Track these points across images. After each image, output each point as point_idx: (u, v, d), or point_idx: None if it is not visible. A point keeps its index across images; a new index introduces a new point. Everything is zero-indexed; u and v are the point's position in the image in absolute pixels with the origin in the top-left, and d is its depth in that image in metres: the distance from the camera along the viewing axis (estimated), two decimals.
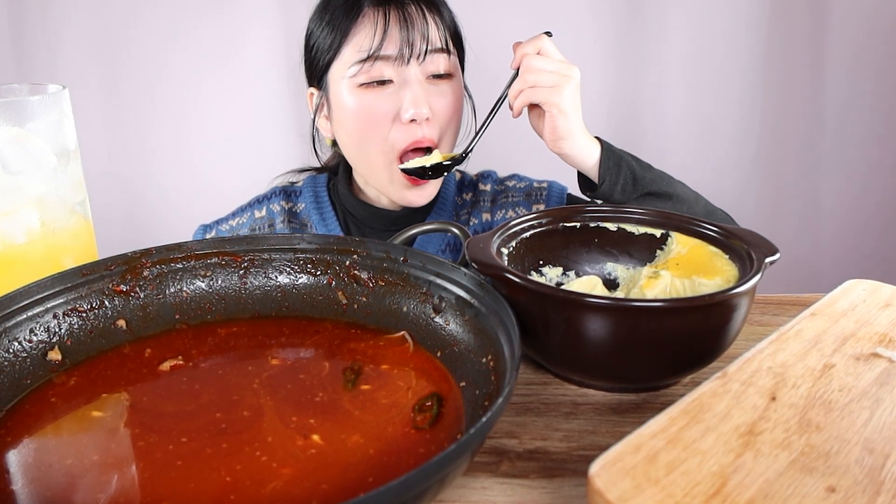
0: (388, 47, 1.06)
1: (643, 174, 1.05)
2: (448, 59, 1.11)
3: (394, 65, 1.07)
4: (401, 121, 1.08)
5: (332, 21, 1.10)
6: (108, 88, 1.91)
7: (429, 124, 1.09)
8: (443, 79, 1.11)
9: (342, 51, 1.09)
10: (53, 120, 0.77)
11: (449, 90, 1.12)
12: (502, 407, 0.48)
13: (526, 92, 1.02)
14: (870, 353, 0.61)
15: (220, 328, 0.74)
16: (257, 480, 0.51)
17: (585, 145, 1.04)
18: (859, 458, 0.49)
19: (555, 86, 1.01)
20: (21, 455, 0.56)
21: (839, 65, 1.88)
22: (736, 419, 0.52)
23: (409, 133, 1.09)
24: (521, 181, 1.29)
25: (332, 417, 0.59)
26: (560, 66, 1.02)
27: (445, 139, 1.14)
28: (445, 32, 1.10)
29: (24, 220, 0.76)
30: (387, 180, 1.14)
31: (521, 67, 1.04)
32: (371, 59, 1.06)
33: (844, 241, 2.00)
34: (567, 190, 1.28)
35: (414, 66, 1.08)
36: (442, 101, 1.11)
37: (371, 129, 1.10)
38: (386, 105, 1.08)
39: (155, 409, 0.61)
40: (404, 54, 1.06)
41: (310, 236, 0.77)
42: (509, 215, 1.24)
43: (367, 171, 1.16)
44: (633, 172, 1.04)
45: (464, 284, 0.67)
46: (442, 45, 1.09)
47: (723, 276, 0.70)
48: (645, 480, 0.45)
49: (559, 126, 1.02)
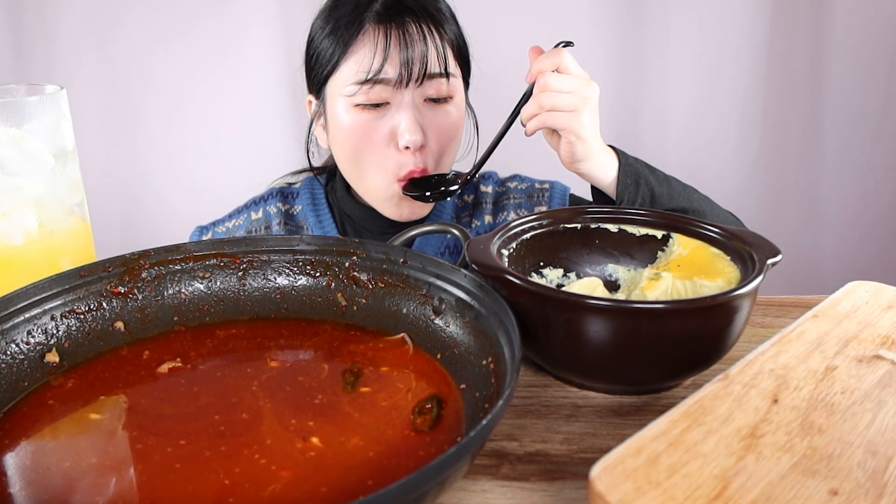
0: (388, 70, 1.04)
1: (661, 191, 1.02)
2: (447, 84, 1.08)
3: (392, 88, 1.05)
4: (396, 147, 1.07)
5: (333, 32, 1.08)
6: (106, 89, 1.91)
7: (423, 152, 1.08)
8: (441, 102, 1.09)
9: (341, 66, 1.07)
10: (51, 120, 0.77)
11: (447, 113, 1.10)
12: (503, 409, 0.48)
13: (542, 116, 0.96)
14: (872, 356, 0.61)
15: (219, 330, 0.74)
16: (256, 483, 0.51)
17: (602, 165, 1.00)
18: (862, 460, 0.48)
19: (573, 110, 0.95)
20: (19, 458, 0.55)
21: (841, 66, 1.88)
22: (738, 422, 0.52)
23: (404, 161, 1.07)
24: (522, 182, 1.27)
25: (331, 420, 0.59)
26: (579, 86, 0.95)
27: (442, 163, 1.12)
28: (445, 52, 1.07)
29: (21, 222, 0.75)
30: (383, 198, 1.13)
31: (536, 86, 0.97)
32: (370, 82, 1.04)
33: (847, 243, 2.00)
34: (570, 190, 1.26)
35: (411, 89, 1.06)
36: (438, 124, 1.09)
37: (368, 151, 1.08)
38: (382, 128, 1.07)
39: (153, 411, 0.61)
40: (403, 79, 1.04)
41: (309, 238, 0.77)
42: (511, 217, 1.23)
43: (362, 187, 1.15)
44: (651, 190, 1.01)
45: (464, 286, 0.67)
46: (441, 69, 1.07)
47: (724, 278, 0.70)
48: (646, 483, 0.45)
49: (577, 151, 0.98)
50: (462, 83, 1.15)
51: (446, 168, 1.14)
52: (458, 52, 1.12)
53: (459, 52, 1.13)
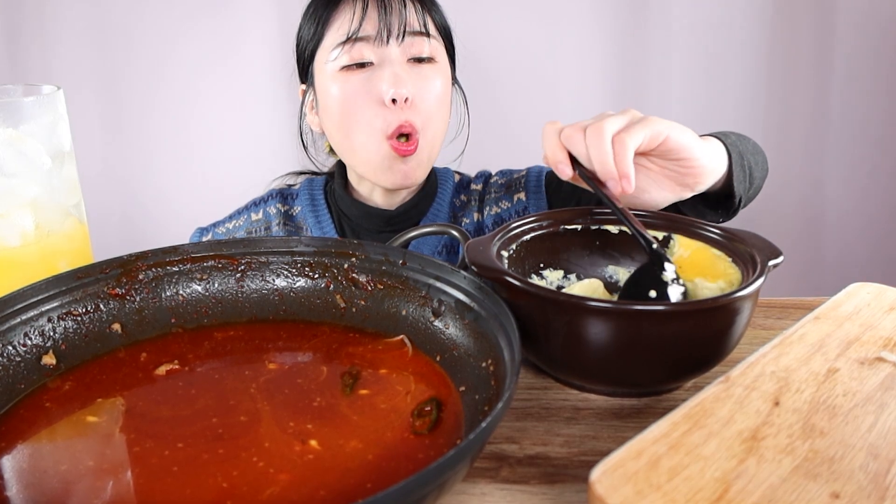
0: (367, 28, 1.06)
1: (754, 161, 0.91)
2: (428, 42, 1.10)
3: (373, 45, 1.07)
4: (383, 104, 1.07)
5: (314, 13, 1.12)
6: (104, 89, 1.91)
7: (410, 107, 1.08)
8: (425, 62, 1.11)
9: (324, 37, 1.10)
10: (48, 121, 0.77)
11: (431, 74, 1.11)
12: (502, 412, 0.48)
13: None
14: (874, 358, 0.61)
15: (217, 332, 0.73)
16: (254, 486, 0.51)
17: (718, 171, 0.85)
18: (864, 463, 0.48)
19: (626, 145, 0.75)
20: (15, 461, 0.55)
21: (843, 67, 1.88)
22: (739, 424, 0.52)
23: (392, 117, 1.07)
24: (503, 176, 1.28)
25: (330, 422, 0.58)
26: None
27: (430, 127, 1.11)
28: (425, 15, 1.10)
29: (18, 223, 0.75)
30: (376, 163, 1.12)
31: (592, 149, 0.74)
32: (350, 40, 1.06)
33: (849, 244, 1.99)
34: (547, 169, 1.25)
35: (393, 47, 1.07)
36: (424, 84, 1.10)
37: (355, 114, 1.09)
38: (368, 88, 1.07)
39: (150, 414, 0.60)
40: (382, 35, 1.06)
41: (307, 239, 0.77)
42: (494, 212, 1.23)
43: (355, 158, 1.15)
44: (750, 167, 0.89)
45: (463, 288, 0.67)
46: (420, 28, 1.08)
47: (726, 279, 0.70)
48: (647, 486, 0.45)
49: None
50: (447, 57, 1.16)
51: (436, 134, 1.14)
52: (443, 30, 1.15)
53: (444, 30, 1.15)
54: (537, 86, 1.91)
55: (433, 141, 1.13)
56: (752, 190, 0.93)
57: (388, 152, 1.09)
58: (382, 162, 1.11)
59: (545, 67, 1.90)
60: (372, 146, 1.10)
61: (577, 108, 1.91)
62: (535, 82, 1.91)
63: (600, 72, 1.90)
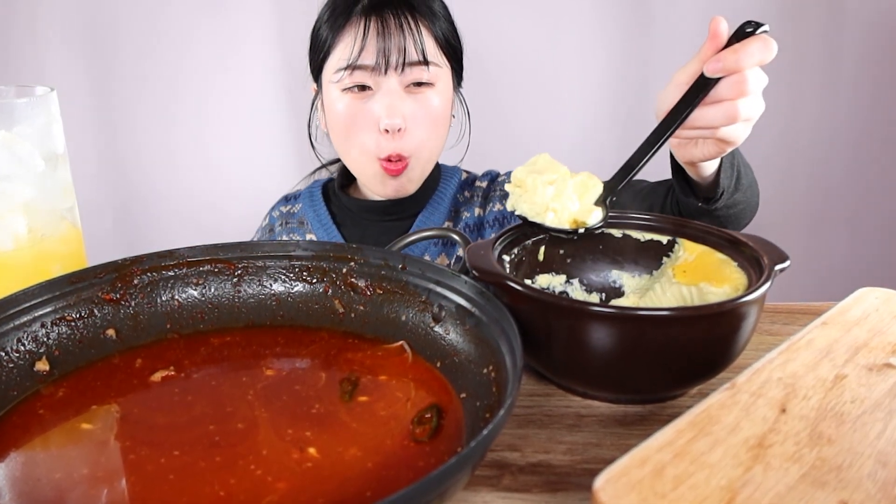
0: (366, 57, 1.09)
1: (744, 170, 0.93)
2: (427, 71, 1.13)
3: (371, 74, 1.11)
4: (378, 130, 1.12)
5: (329, 19, 1.14)
6: (98, 91, 1.91)
7: (402, 136, 1.12)
8: (423, 87, 1.14)
9: (331, 53, 1.14)
10: (41, 123, 0.76)
11: (428, 99, 1.14)
12: (504, 419, 0.47)
13: (737, 128, 0.76)
14: (883, 364, 0.60)
15: (214, 338, 0.73)
16: (252, 495, 0.50)
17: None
18: (872, 471, 0.48)
19: (749, 119, 0.76)
20: (8, 469, 0.54)
21: (851, 69, 1.87)
22: (745, 431, 0.51)
23: (385, 144, 1.13)
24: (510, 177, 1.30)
25: (328, 430, 0.58)
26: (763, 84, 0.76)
27: (424, 150, 1.16)
28: (423, 42, 1.12)
29: (10, 227, 0.75)
30: (370, 176, 1.18)
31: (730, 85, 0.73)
32: (350, 68, 1.10)
33: (856, 248, 1.99)
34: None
35: (392, 77, 1.11)
36: (419, 109, 1.13)
37: (354, 132, 1.14)
38: (366, 112, 1.13)
39: (146, 421, 0.60)
40: (381, 66, 1.09)
41: (305, 243, 0.77)
42: (497, 209, 1.26)
43: (352, 166, 1.22)
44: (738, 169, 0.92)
45: (464, 293, 0.66)
46: (419, 58, 1.11)
47: (731, 284, 0.69)
48: (651, 495, 0.44)
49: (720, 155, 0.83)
50: (450, 73, 1.19)
51: (431, 152, 1.19)
52: (447, 45, 1.17)
53: (448, 45, 1.17)
54: (538, 86, 1.91)
55: (427, 159, 1.19)
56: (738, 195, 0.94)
57: (378, 170, 1.16)
58: (374, 177, 1.18)
59: (546, 67, 1.91)
60: (365, 163, 1.17)
61: (579, 108, 1.91)
62: (537, 82, 1.91)
63: (602, 72, 1.90)
